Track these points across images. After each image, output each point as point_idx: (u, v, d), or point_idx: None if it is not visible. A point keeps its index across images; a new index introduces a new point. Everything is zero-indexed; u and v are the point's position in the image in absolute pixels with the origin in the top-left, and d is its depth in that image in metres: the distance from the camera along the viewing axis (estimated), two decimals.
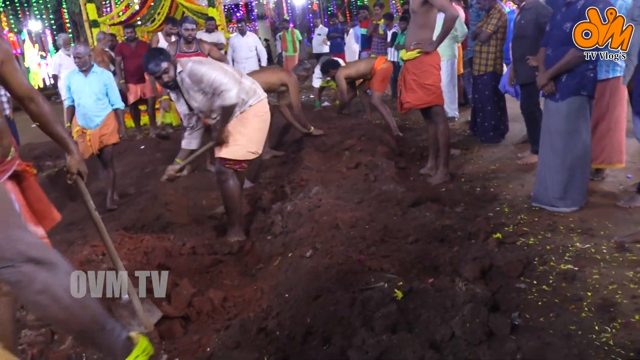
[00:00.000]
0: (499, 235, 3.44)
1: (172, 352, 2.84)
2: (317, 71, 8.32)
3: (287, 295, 3.01)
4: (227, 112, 3.90)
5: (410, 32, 4.75)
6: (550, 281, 2.87)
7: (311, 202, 4.00)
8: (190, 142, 4.24)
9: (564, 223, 3.61)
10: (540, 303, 2.67)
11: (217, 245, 4.16)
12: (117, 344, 1.21)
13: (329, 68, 7.31)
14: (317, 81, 8.79)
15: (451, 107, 7.17)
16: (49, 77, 14.70)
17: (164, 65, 3.80)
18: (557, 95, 3.76)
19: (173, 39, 7.00)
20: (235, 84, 3.86)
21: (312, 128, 6.42)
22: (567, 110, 3.73)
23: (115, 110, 5.33)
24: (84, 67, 5.19)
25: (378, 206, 3.81)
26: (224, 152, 4.00)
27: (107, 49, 8.77)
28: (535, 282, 2.88)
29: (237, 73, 4.04)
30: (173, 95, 4.11)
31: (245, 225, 4.42)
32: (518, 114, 6.01)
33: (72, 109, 5.30)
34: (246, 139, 3.99)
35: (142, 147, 8.22)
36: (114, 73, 8.67)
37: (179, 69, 3.86)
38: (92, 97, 5.09)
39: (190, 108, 4.09)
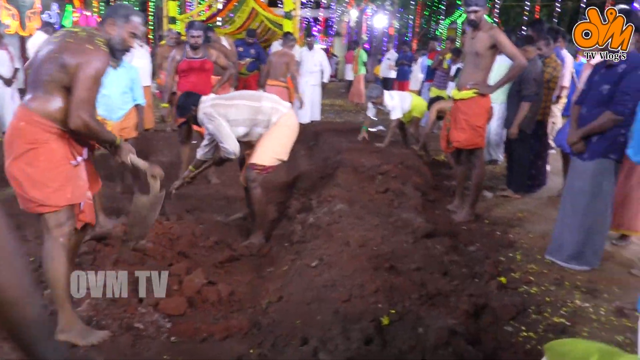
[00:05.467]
0: (503, 279, 3.52)
1: (172, 330, 3.06)
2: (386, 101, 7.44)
3: (284, 299, 3.19)
4: (222, 158, 4.47)
5: (467, 72, 4.73)
6: (539, 330, 2.94)
7: (331, 218, 4.17)
8: (205, 153, 4.60)
9: (571, 280, 3.64)
10: (521, 347, 2.76)
11: (238, 245, 4.39)
12: None
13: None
14: (372, 110, 7.80)
15: (498, 151, 7.19)
16: None
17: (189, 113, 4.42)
18: (585, 154, 3.79)
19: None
20: (240, 127, 4.24)
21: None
22: (594, 171, 3.74)
23: (137, 106, 5.31)
24: (116, 63, 5.35)
25: (393, 231, 3.94)
26: (254, 159, 4.29)
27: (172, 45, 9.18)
28: (524, 327, 2.95)
29: (253, 101, 4.31)
30: None
31: (269, 231, 4.63)
32: (560, 169, 6.01)
33: None
34: (274, 147, 4.28)
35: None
36: None
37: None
38: (118, 90, 5.07)
39: None
